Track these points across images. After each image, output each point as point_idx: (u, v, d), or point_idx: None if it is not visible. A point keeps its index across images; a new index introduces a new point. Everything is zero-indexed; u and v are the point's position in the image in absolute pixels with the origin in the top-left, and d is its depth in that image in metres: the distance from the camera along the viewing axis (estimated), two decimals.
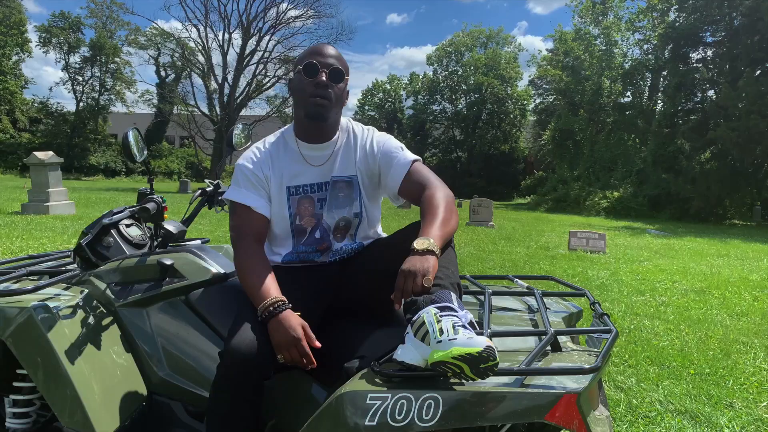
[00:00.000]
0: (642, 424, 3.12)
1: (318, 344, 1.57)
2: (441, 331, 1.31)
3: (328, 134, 1.89)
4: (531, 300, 2.00)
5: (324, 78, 1.78)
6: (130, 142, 2.09)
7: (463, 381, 1.30)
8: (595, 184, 28.41)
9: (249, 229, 1.80)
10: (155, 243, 2.21)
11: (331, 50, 1.84)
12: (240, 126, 2.48)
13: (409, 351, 1.37)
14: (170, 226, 2.10)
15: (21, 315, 1.68)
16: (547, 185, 31.29)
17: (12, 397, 1.89)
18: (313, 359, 1.55)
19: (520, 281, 2.15)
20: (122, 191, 24.10)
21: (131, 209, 2.17)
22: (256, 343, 1.55)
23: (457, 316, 1.36)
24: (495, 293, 1.98)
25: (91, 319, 1.83)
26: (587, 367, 1.29)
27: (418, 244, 1.52)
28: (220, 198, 2.48)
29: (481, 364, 1.24)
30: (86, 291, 1.92)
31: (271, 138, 1.96)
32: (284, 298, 1.63)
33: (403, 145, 1.94)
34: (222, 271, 2.01)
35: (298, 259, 1.91)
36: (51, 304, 1.74)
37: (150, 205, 2.07)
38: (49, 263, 2.28)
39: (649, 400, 3.43)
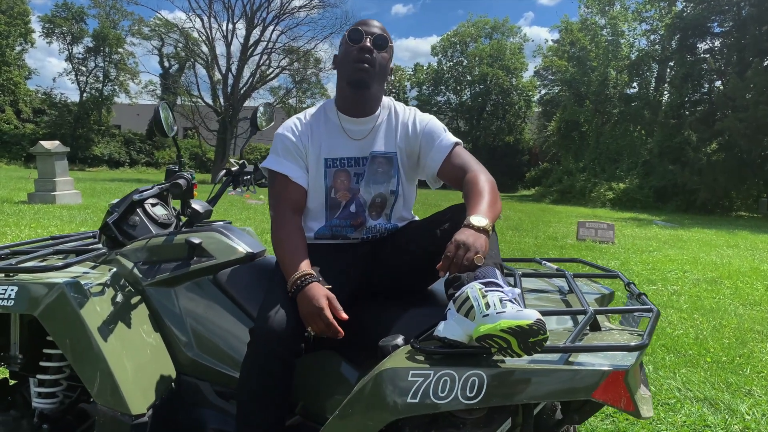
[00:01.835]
0: (662, 411, 3.10)
1: (344, 315, 1.56)
2: (487, 305, 1.28)
3: (370, 108, 1.88)
4: (560, 282, 1.97)
5: (368, 43, 1.79)
6: (161, 117, 2.05)
7: (507, 357, 1.27)
8: (600, 175, 28.25)
9: (286, 199, 1.81)
10: (181, 222, 2.18)
11: (375, 22, 1.85)
12: (263, 106, 2.44)
13: (452, 327, 1.34)
14: (197, 205, 2.07)
15: (53, 292, 1.65)
16: (552, 177, 31.14)
17: (39, 377, 1.87)
18: (339, 329, 1.55)
19: (548, 263, 2.12)
20: (126, 182, 24.07)
21: (160, 186, 2.13)
22: (285, 319, 1.56)
23: (503, 291, 1.33)
24: (525, 275, 1.95)
25: (119, 298, 1.81)
26: (633, 344, 1.26)
27: (475, 219, 1.50)
28: (245, 178, 2.45)
29: (531, 338, 1.21)
30: (114, 269, 1.90)
31: (311, 110, 1.96)
32: (312, 272, 1.63)
33: (445, 127, 1.92)
34: (250, 250, 1.98)
35: (330, 234, 1.89)
36: (81, 281, 1.72)
37: (181, 181, 2.06)
38: (73, 243, 2.25)
39: (667, 387, 3.41)
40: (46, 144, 12.38)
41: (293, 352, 1.58)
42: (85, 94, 41.01)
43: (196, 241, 1.90)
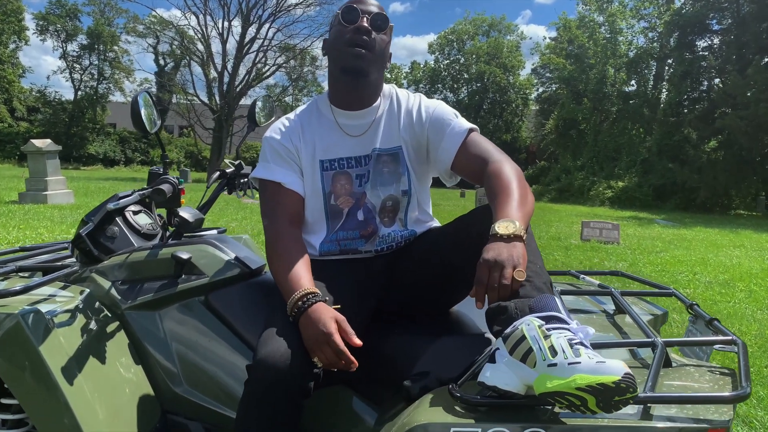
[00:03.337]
0: None
1: (358, 342, 1.30)
2: (553, 351, 1.01)
3: (369, 99, 1.64)
4: (604, 299, 1.71)
5: (365, 23, 1.54)
6: (141, 109, 1.72)
7: (578, 413, 1.01)
8: (598, 173, 28.05)
9: (281, 209, 1.57)
10: (168, 233, 1.90)
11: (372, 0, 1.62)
12: (261, 100, 2.17)
13: (503, 374, 1.07)
14: (186, 213, 1.78)
15: (6, 322, 1.37)
16: (550, 175, 30.93)
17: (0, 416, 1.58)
18: (352, 358, 1.28)
19: (587, 278, 1.86)
20: (121, 180, 23.74)
21: (141, 192, 1.83)
22: (289, 353, 1.28)
23: (569, 330, 1.05)
24: (563, 292, 1.68)
25: (93, 325, 1.53)
26: (730, 394, 1.02)
27: (501, 227, 1.24)
28: (242, 181, 2.17)
29: (616, 396, 0.95)
30: (87, 291, 1.63)
31: (302, 108, 1.72)
32: (316, 290, 1.38)
33: (456, 112, 1.65)
34: (248, 265, 1.71)
35: (338, 249, 1.63)
36: (44, 307, 1.45)
37: (165, 187, 1.74)
38: (43, 257, 1.97)
39: None
40: (38, 142, 12.07)
41: (300, 392, 1.31)
42: (79, 92, 40.67)
43: (185, 256, 1.64)
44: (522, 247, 1.22)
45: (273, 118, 2.18)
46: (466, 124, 1.60)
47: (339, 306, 1.37)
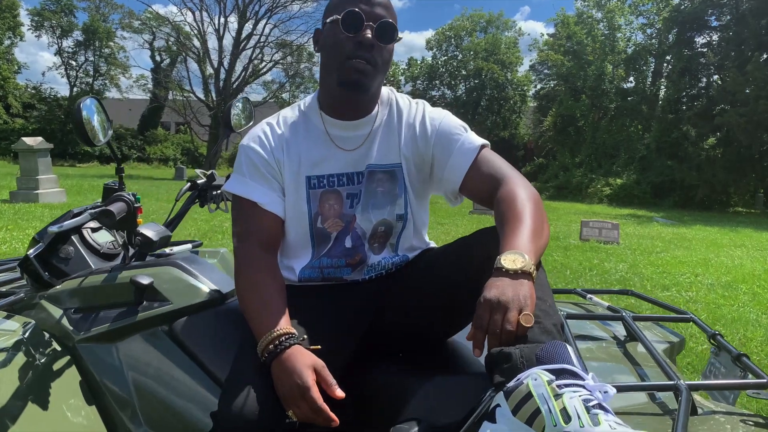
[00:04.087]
0: None
1: (340, 393, 1.12)
2: (566, 415, 0.83)
3: (365, 108, 1.43)
4: (614, 323, 1.55)
5: (369, 35, 1.31)
6: (83, 118, 1.46)
7: None
8: (597, 171, 27.96)
9: (255, 232, 1.36)
10: (130, 252, 1.68)
11: None
12: (240, 102, 1.96)
13: None
14: (149, 230, 1.56)
15: None
16: (549, 172, 30.83)
17: None
18: (332, 415, 1.09)
19: (595, 298, 1.69)
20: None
21: (93, 211, 1.61)
22: (258, 405, 1.10)
23: (585, 387, 0.88)
24: (569, 316, 1.50)
25: (39, 361, 1.35)
26: None
27: (508, 260, 1.06)
28: (215, 193, 1.94)
29: None
30: (33, 322, 1.44)
31: (287, 112, 1.49)
32: (291, 330, 1.19)
33: (465, 125, 1.45)
34: (218, 290, 1.52)
35: (320, 276, 1.44)
36: None
37: (115, 207, 1.48)
38: None
39: None
40: (28, 140, 11.86)
41: None
42: (75, 89, 40.39)
43: (145, 281, 1.43)
44: (530, 286, 1.04)
45: (251, 123, 2.00)
46: (478, 140, 1.41)
47: (318, 347, 1.18)
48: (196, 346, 1.41)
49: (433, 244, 1.57)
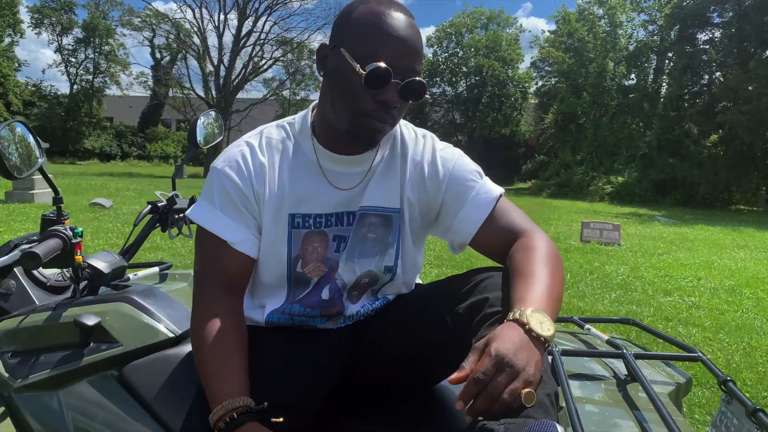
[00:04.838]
0: None
1: None
2: None
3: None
4: (615, 360, 1.43)
5: (395, 97, 1.10)
6: (19, 143, 1.31)
7: None
8: (598, 168, 27.82)
9: (220, 273, 1.16)
10: (80, 286, 1.47)
11: (412, 36, 1.10)
12: (211, 113, 1.80)
13: None
14: (99, 261, 1.40)
15: None
16: (550, 170, 30.70)
17: None
18: None
19: (593, 330, 1.57)
20: (117, 176, 23.42)
21: (23, 247, 1.43)
22: None
23: None
24: (565, 353, 1.34)
25: None
26: None
27: (535, 320, 0.91)
28: (177, 216, 1.75)
29: None
30: None
31: (273, 132, 1.24)
32: (248, 403, 1.03)
33: (480, 169, 1.28)
34: (176, 329, 1.33)
35: (290, 322, 1.25)
36: None
37: (42, 248, 1.27)
38: None
39: None
40: None
41: None
42: (75, 86, 40.43)
43: (91, 322, 1.25)
44: (540, 358, 0.89)
45: (219, 138, 1.84)
46: (494, 189, 1.24)
47: (280, 420, 1.02)
48: (149, 393, 1.24)
49: (418, 281, 1.41)
